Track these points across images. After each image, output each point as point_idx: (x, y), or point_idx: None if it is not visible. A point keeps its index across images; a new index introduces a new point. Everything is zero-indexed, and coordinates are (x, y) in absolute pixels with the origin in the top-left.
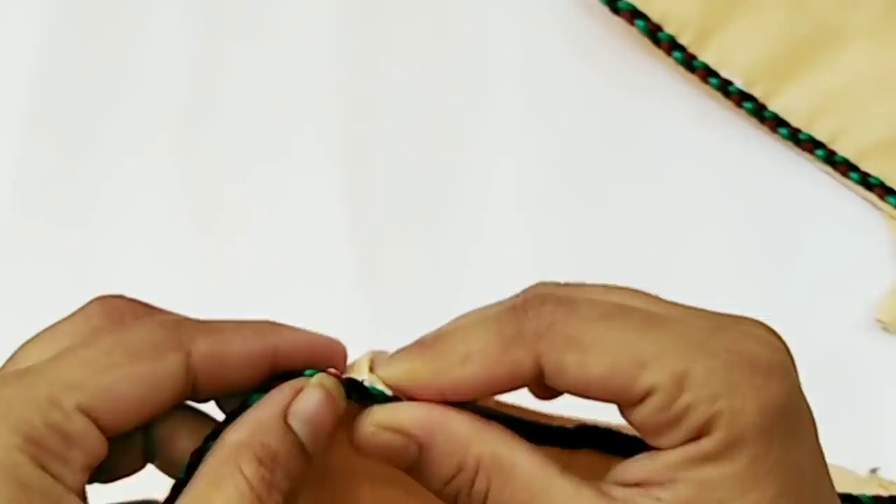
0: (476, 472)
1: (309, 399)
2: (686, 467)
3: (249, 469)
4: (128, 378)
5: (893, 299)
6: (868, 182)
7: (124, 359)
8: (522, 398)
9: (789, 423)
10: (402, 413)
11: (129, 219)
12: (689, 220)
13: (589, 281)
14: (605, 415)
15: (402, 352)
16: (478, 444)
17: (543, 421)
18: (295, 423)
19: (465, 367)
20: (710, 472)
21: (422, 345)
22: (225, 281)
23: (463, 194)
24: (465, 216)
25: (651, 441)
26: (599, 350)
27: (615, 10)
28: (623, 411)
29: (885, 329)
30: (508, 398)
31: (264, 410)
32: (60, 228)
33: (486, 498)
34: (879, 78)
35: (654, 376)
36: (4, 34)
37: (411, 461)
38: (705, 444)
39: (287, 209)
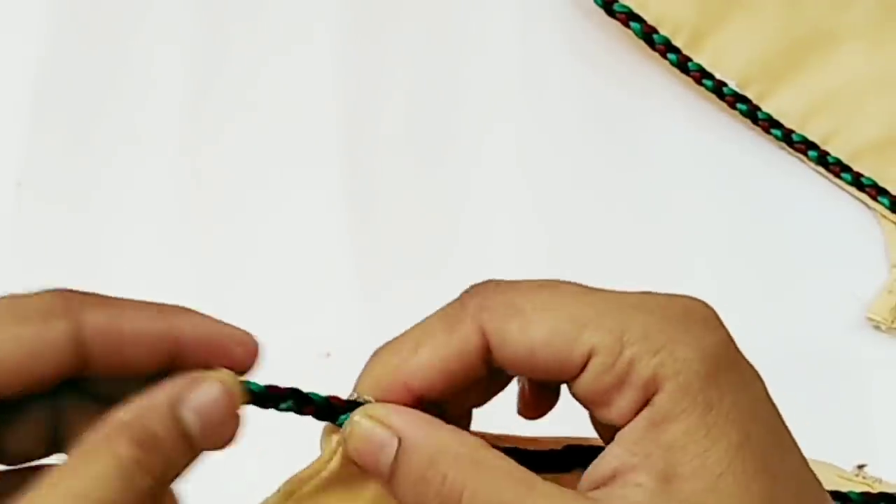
0: (449, 468)
1: (204, 392)
2: (650, 437)
3: (124, 448)
4: (7, 338)
5: (885, 298)
6: (860, 182)
7: (6, 319)
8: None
9: (734, 372)
10: (391, 408)
11: (128, 220)
12: (683, 221)
13: (591, 282)
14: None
15: (363, 369)
16: (458, 444)
17: (531, 447)
18: (186, 413)
19: (419, 354)
20: (674, 430)
21: (377, 352)
22: (224, 280)
23: (462, 197)
24: (465, 218)
25: (603, 414)
26: (540, 314)
27: (611, 12)
28: (569, 386)
29: (877, 327)
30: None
31: (154, 396)
32: (63, 226)
33: (460, 498)
34: (872, 79)
35: (595, 336)
36: (9, 34)
37: (388, 463)
38: (658, 404)
39: (287, 212)
